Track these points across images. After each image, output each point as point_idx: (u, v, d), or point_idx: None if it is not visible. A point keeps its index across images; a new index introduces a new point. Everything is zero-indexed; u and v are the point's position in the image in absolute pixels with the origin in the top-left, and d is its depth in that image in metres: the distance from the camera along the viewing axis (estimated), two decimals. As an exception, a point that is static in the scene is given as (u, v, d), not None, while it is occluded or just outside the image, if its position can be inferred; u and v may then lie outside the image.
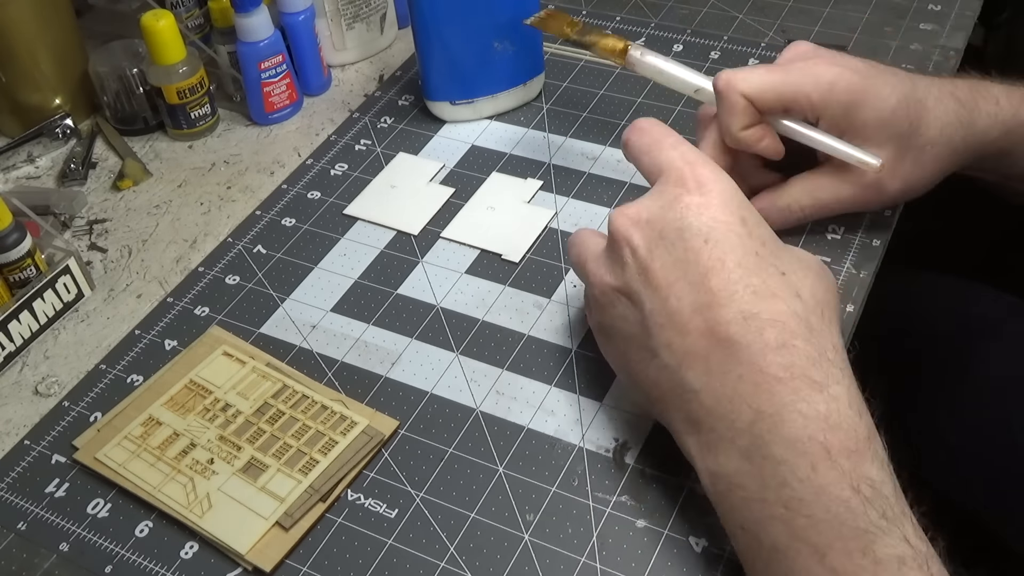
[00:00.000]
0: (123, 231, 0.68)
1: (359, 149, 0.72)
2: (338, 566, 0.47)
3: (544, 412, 0.53)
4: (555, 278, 0.61)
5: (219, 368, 0.57)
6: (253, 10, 0.71)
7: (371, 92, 0.78)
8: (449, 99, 0.72)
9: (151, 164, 0.74)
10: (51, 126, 0.75)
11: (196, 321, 0.60)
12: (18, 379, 0.59)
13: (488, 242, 0.63)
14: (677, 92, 0.62)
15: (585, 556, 0.47)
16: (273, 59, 0.73)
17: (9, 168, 0.75)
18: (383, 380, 0.56)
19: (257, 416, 0.54)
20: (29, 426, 0.56)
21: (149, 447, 0.53)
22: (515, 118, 0.73)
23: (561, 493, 0.49)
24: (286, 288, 0.62)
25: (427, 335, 0.58)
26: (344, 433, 0.52)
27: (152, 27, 0.70)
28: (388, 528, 0.49)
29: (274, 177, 0.71)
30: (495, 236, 0.64)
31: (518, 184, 0.67)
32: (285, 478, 0.50)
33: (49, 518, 0.51)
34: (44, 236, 0.64)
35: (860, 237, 0.60)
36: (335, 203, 0.68)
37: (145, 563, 0.48)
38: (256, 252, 0.65)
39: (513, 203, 0.66)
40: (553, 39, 0.79)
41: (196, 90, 0.73)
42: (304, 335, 0.59)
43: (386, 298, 0.61)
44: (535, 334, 0.57)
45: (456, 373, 0.56)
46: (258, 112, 0.75)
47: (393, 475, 0.51)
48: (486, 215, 0.65)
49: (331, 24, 0.79)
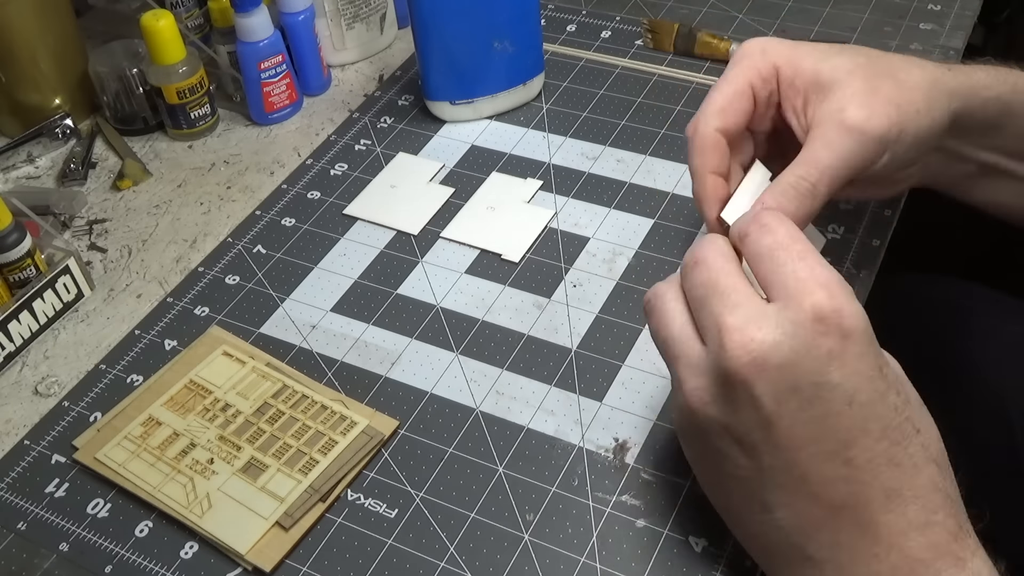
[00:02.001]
0: (123, 231, 0.68)
1: (359, 149, 0.72)
2: (338, 566, 0.47)
3: (544, 412, 0.53)
4: (555, 278, 0.61)
5: (219, 368, 0.57)
6: (253, 10, 0.71)
7: (371, 92, 0.78)
8: (449, 99, 0.72)
9: (151, 164, 0.74)
10: (51, 126, 0.75)
11: (196, 321, 0.60)
12: (18, 379, 0.59)
13: (488, 242, 0.63)
14: (679, 92, 0.61)
15: (585, 556, 0.47)
16: (273, 59, 0.73)
17: (9, 168, 0.75)
18: (383, 380, 0.56)
19: (257, 416, 0.54)
20: (29, 426, 0.56)
21: (149, 447, 0.53)
22: (515, 118, 0.73)
23: (561, 493, 0.49)
24: (286, 288, 0.62)
25: (427, 335, 0.58)
26: (344, 433, 0.52)
27: (152, 27, 0.70)
28: (388, 528, 0.49)
29: (274, 177, 0.71)
30: (495, 236, 0.64)
31: (518, 184, 0.67)
32: (285, 478, 0.50)
33: (49, 518, 0.51)
34: (44, 236, 0.64)
35: (860, 237, 0.60)
36: (335, 203, 0.68)
37: (145, 563, 0.48)
38: (256, 252, 0.65)
39: (513, 203, 0.66)
40: (553, 39, 0.80)
41: (196, 90, 0.73)
42: (304, 335, 0.59)
43: (386, 298, 0.61)
44: (535, 334, 0.57)
45: (456, 373, 0.56)
46: (258, 112, 0.75)
47: (393, 475, 0.51)
48: (486, 215, 0.65)
49: (331, 24, 0.79)
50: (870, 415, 0.38)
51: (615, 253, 0.62)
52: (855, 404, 0.38)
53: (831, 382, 0.38)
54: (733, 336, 0.39)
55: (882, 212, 0.62)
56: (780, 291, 0.40)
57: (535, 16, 0.70)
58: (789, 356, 0.38)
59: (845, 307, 0.39)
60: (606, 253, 0.62)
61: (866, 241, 0.60)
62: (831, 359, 0.38)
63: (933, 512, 0.38)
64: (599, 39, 0.80)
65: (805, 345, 0.38)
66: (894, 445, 0.39)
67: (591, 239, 0.63)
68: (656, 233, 0.63)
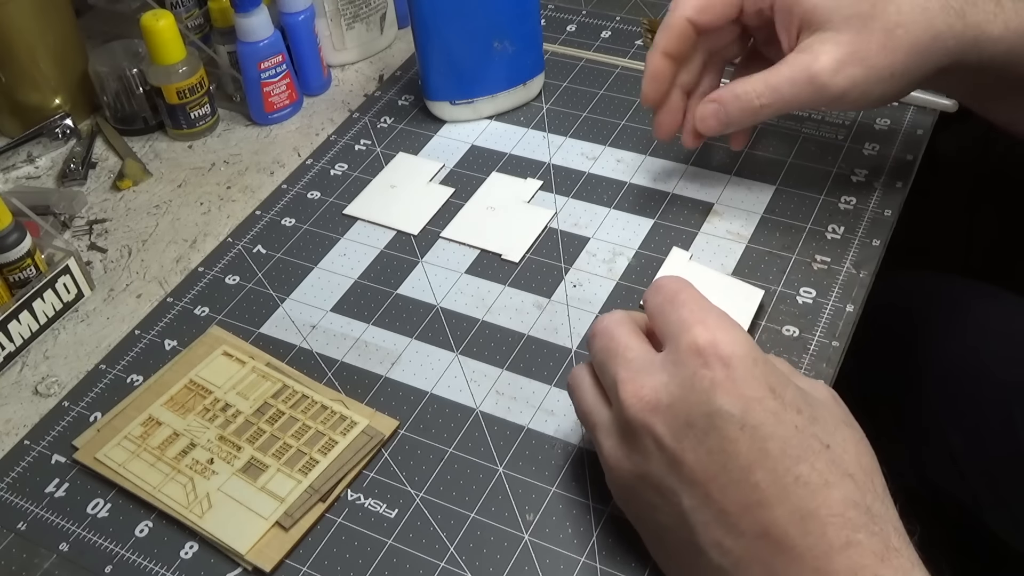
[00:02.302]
0: (123, 231, 0.68)
1: (359, 149, 0.72)
2: (338, 566, 0.47)
3: (544, 412, 0.53)
4: (555, 278, 0.61)
5: (219, 368, 0.57)
6: (253, 10, 0.71)
7: (371, 92, 0.78)
8: (449, 99, 0.72)
9: (151, 164, 0.74)
10: (51, 126, 0.75)
11: (196, 321, 0.60)
12: (18, 379, 0.59)
13: (488, 242, 0.63)
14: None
15: (585, 556, 0.47)
16: (273, 59, 0.73)
17: (9, 168, 0.75)
18: (383, 380, 0.56)
19: (257, 416, 0.54)
20: (29, 426, 0.56)
21: (149, 447, 0.53)
22: (515, 118, 0.73)
23: (561, 493, 0.49)
24: (286, 288, 0.62)
25: (427, 335, 0.58)
26: (344, 433, 0.52)
27: (152, 27, 0.70)
28: (388, 528, 0.49)
29: (274, 177, 0.71)
30: (495, 236, 0.64)
31: (518, 184, 0.67)
32: (285, 478, 0.50)
33: (49, 518, 0.51)
34: (44, 236, 0.64)
35: (860, 237, 0.60)
36: (335, 203, 0.68)
37: (145, 563, 0.48)
38: (256, 252, 0.65)
39: (513, 203, 0.66)
40: (553, 39, 0.80)
41: (196, 90, 0.73)
42: (304, 335, 0.59)
43: (386, 298, 0.61)
44: (535, 334, 0.57)
45: (456, 373, 0.56)
46: (258, 112, 0.75)
47: (393, 475, 0.51)
48: (486, 215, 0.65)
49: (331, 24, 0.79)
50: (766, 435, 0.39)
51: (615, 253, 0.62)
52: (747, 427, 0.39)
53: (720, 410, 0.39)
54: (627, 387, 0.41)
55: (882, 212, 0.62)
56: (666, 338, 0.42)
57: (535, 16, 0.70)
58: (676, 393, 0.40)
59: (720, 337, 0.40)
60: (606, 253, 0.62)
61: (866, 241, 0.60)
62: (715, 387, 0.39)
63: (854, 531, 0.37)
64: (599, 39, 0.80)
65: (688, 379, 0.40)
66: (798, 463, 0.38)
67: (591, 239, 0.63)
68: (656, 233, 0.63)
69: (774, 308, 0.57)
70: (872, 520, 0.38)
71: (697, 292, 0.44)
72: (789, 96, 0.53)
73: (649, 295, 0.45)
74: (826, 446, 0.39)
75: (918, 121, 0.68)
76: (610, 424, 0.43)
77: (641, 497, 0.43)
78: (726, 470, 0.39)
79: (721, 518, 0.39)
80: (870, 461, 0.40)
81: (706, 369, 0.40)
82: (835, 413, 0.42)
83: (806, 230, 0.61)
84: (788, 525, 0.38)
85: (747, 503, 0.39)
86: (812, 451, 0.39)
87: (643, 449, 0.41)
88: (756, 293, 0.56)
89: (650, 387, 0.41)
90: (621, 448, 0.43)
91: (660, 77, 0.58)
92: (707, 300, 0.43)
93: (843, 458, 0.39)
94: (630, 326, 0.45)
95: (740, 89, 0.55)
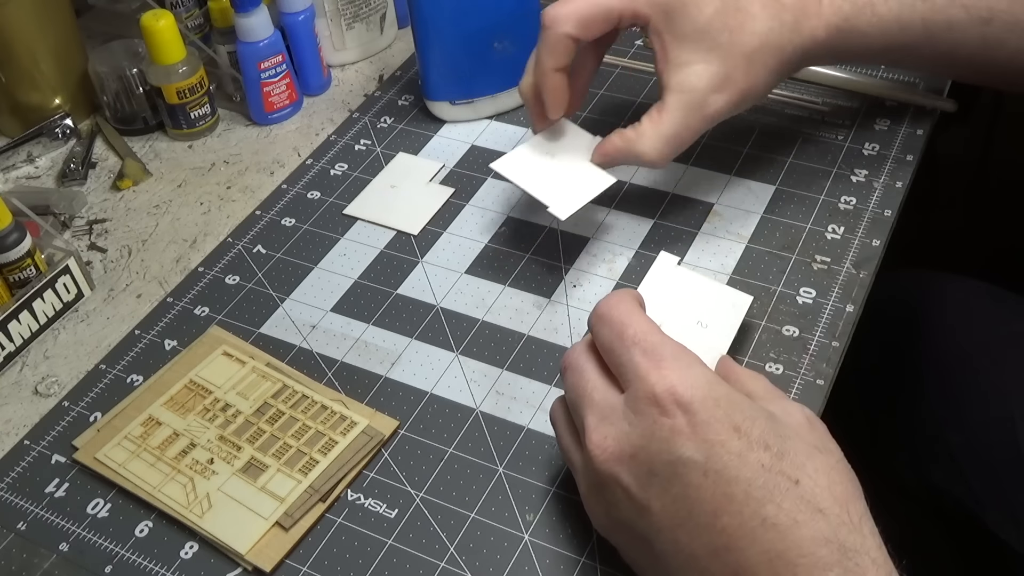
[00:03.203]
0: (123, 231, 0.68)
1: (359, 149, 0.72)
2: (338, 566, 0.47)
3: (544, 412, 0.53)
4: (555, 278, 0.61)
5: (219, 368, 0.57)
6: (253, 10, 0.71)
7: (371, 92, 0.78)
8: (449, 99, 0.72)
9: (151, 164, 0.74)
10: (51, 126, 0.75)
11: (196, 321, 0.60)
12: (18, 379, 0.59)
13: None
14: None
15: (585, 556, 0.47)
16: (273, 59, 0.73)
17: (9, 168, 0.75)
18: (383, 380, 0.56)
19: (257, 416, 0.54)
20: (29, 426, 0.56)
21: (149, 447, 0.53)
22: (515, 118, 0.73)
23: (561, 493, 0.49)
24: (286, 288, 0.62)
25: (427, 335, 0.58)
26: (344, 433, 0.52)
27: (152, 27, 0.70)
28: (388, 528, 0.49)
29: (274, 177, 0.71)
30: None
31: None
32: (285, 478, 0.50)
33: (49, 518, 0.51)
34: (44, 236, 0.64)
35: (860, 237, 0.60)
36: (335, 203, 0.68)
37: (145, 563, 0.48)
38: (256, 252, 0.65)
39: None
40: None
41: (196, 90, 0.73)
42: (304, 335, 0.59)
43: (386, 298, 0.61)
44: (535, 334, 0.57)
45: (456, 373, 0.56)
46: (258, 112, 0.75)
47: (393, 475, 0.51)
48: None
49: (331, 24, 0.79)
50: (730, 479, 0.38)
51: (615, 253, 0.62)
52: (710, 473, 0.38)
53: (682, 457, 0.39)
54: (592, 437, 0.41)
55: (882, 212, 0.62)
56: (624, 380, 0.42)
57: (535, 16, 0.70)
58: (638, 443, 0.40)
59: (677, 381, 0.40)
60: (606, 253, 0.62)
61: (866, 241, 0.60)
62: (675, 435, 0.39)
63: (825, 570, 0.37)
64: (599, 39, 0.79)
65: (649, 428, 0.40)
66: (764, 504, 0.38)
67: (591, 239, 0.63)
68: (656, 233, 0.63)
69: (774, 308, 0.57)
70: (845, 556, 0.37)
71: (644, 320, 0.43)
72: (673, 136, 0.57)
73: (596, 325, 0.44)
74: (795, 482, 0.38)
75: (918, 121, 0.68)
76: (582, 470, 0.44)
77: (618, 538, 0.44)
78: (692, 516, 0.39)
79: (692, 563, 0.39)
80: (844, 489, 0.39)
81: (665, 417, 0.39)
82: (808, 440, 0.41)
83: (806, 230, 0.61)
84: (758, 568, 0.37)
85: (715, 548, 0.38)
86: (779, 490, 0.38)
87: (613, 498, 0.42)
88: (744, 299, 0.54)
89: (613, 437, 0.41)
90: (593, 495, 0.43)
91: (560, 93, 0.59)
92: (657, 330, 0.42)
93: (814, 492, 0.38)
94: (597, 360, 0.44)
95: (619, 139, 0.59)
